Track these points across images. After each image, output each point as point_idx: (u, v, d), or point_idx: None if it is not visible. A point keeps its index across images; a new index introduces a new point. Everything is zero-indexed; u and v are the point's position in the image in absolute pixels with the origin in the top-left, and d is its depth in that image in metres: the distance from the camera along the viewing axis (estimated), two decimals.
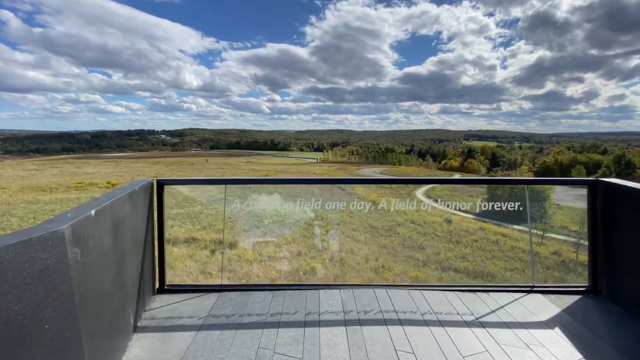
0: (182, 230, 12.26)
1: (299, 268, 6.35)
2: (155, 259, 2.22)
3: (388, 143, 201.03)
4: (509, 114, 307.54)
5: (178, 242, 9.68)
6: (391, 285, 2.44)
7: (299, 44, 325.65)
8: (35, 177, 28.57)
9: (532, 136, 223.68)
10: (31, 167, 36.92)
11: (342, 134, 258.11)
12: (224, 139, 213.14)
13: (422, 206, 21.08)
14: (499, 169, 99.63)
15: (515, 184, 3.41)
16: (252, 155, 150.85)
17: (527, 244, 14.27)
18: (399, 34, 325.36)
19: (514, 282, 2.73)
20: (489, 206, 2.67)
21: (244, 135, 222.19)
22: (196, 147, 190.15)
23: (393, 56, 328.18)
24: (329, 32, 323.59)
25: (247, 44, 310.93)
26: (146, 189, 2.06)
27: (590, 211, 2.32)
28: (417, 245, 13.12)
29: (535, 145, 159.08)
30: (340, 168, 70.61)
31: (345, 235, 13.44)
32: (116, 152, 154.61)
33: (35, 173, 31.90)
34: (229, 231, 12.64)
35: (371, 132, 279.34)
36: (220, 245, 10.59)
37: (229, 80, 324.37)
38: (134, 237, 1.85)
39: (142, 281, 1.97)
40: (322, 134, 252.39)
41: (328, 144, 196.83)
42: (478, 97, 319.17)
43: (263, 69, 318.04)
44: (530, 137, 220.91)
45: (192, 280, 5.81)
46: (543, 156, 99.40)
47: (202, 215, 16.55)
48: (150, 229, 2.11)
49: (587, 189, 2.32)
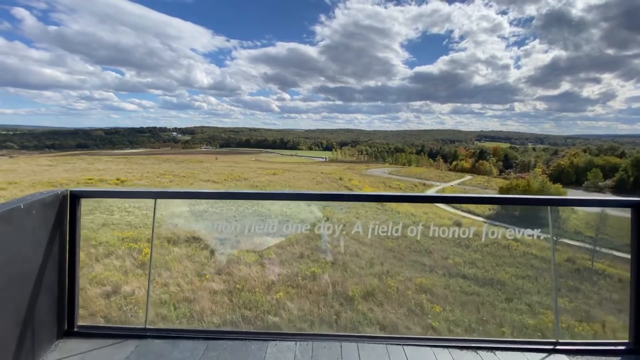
0: (186, 229, 12.21)
1: (298, 272, 6.13)
2: (65, 292, 1.83)
3: (398, 143, 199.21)
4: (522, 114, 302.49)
5: (179, 241, 9.60)
6: (364, 338, 1.93)
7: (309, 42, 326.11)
8: (48, 173, 29.17)
9: (546, 138, 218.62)
10: (45, 163, 37.80)
11: (352, 133, 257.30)
12: (234, 137, 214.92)
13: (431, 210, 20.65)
14: (511, 170, 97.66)
15: (535, 205, 2.42)
16: (260, 153, 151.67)
17: (540, 250, 13.78)
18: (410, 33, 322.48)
19: (528, 298, 2.32)
20: (498, 233, 2.28)
21: (254, 134, 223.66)
22: (206, 145, 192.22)
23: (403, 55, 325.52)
24: (338, 31, 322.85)
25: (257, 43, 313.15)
26: (49, 204, 1.70)
27: (635, 240, 1.80)
28: (424, 249, 12.81)
29: (549, 147, 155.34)
30: (348, 167, 70.31)
31: (350, 237, 13.20)
32: (128, 149, 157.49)
33: (48, 168, 32.61)
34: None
35: (381, 132, 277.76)
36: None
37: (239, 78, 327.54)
38: (22, 268, 1.52)
39: (34, 325, 1.60)
40: (332, 133, 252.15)
41: (337, 143, 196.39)
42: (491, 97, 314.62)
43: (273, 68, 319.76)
44: (544, 138, 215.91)
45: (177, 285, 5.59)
46: (558, 158, 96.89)
47: (207, 214, 16.53)
48: (56, 252, 1.75)
49: (632, 211, 1.81)
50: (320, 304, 4.92)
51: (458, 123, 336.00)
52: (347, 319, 4.39)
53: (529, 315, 5.20)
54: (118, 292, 4.55)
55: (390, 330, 4.06)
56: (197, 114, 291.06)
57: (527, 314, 5.25)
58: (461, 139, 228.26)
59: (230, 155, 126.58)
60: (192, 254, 7.74)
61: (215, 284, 5.40)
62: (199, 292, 5.11)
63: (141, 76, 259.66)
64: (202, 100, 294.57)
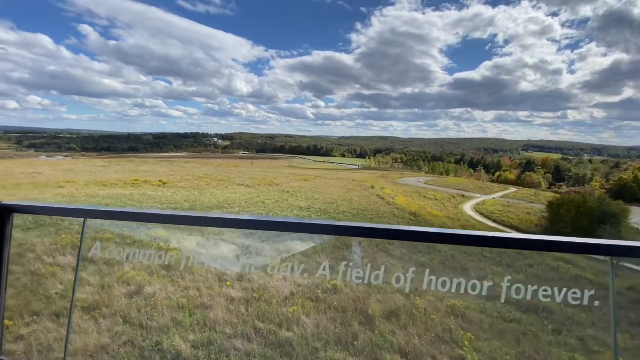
0: (216, 232, 12.47)
1: (319, 284, 5.90)
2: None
3: (436, 151, 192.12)
4: (577, 123, 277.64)
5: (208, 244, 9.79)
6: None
7: (344, 51, 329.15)
8: (101, 173, 31.94)
9: (605, 149, 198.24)
10: (100, 164, 41.48)
11: (387, 141, 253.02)
12: (270, 143, 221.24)
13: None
14: (563, 184, 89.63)
15: (586, 253, 1.48)
16: (294, 159, 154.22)
17: (595, 275, 12.28)
18: (450, 38, 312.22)
19: (581, 331, 1.72)
20: (524, 291, 1.70)
21: (288, 140, 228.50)
22: (244, 151, 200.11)
23: (443, 61, 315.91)
24: (374, 38, 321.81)
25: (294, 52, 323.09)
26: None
27: None
28: (459, 266, 11.87)
29: (609, 159, 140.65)
30: (382, 176, 68.90)
31: (379, 248, 12.67)
32: (173, 152, 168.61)
33: (102, 169, 35.72)
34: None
35: (418, 140, 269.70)
36: None
37: (276, 87, 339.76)
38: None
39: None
40: (366, 141, 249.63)
41: (371, 150, 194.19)
42: (540, 104, 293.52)
43: (309, 76, 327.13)
44: (603, 149, 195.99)
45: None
46: (619, 172, 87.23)
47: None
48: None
49: None
50: (338, 321, 4.64)
51: (502, 132, 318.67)
52: (366, 340, 4.07)
53: (581, 353, 4.49)
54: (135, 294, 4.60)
55: (413, 359, 3.67)
56: (236, 121, 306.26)
57: (580, 351, 4.54)
58: (506, 148, 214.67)
59: (266, 161, 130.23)
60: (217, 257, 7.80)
61: (233, 291, 5.34)
62: (217, 298, 5.06)
63: (187, 85, 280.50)
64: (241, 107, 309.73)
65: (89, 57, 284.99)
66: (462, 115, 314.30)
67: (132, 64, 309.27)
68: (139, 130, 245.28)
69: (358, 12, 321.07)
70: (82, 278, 4.62)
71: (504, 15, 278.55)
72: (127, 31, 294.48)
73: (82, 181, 24.18)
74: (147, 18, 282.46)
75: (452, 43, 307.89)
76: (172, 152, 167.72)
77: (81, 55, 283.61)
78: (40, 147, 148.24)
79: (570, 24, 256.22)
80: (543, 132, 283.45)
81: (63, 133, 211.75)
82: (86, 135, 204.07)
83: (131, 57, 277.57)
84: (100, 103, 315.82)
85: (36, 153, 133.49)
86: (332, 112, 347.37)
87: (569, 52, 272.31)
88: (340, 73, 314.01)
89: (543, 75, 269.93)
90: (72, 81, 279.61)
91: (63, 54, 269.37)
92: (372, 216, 20.50)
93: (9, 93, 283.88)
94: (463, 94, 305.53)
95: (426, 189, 44.40)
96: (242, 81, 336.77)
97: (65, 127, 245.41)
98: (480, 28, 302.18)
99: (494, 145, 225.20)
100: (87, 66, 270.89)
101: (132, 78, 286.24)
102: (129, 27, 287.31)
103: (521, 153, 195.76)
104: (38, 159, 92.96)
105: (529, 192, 53.56)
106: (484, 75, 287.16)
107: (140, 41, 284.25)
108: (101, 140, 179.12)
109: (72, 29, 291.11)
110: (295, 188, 31.88)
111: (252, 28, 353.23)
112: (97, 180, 24.88)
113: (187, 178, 32.28)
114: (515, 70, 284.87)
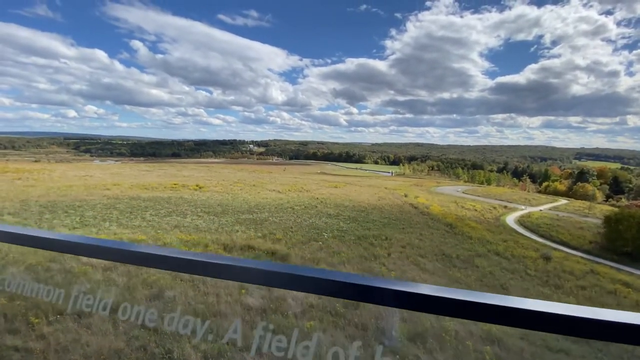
0: (244, 237, 12.61)
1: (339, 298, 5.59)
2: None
3: (476, 159, 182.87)
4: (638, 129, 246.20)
5: (235, 248, 9.89)
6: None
7: (378, 57, 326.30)
8: (144, 177, 34.17)
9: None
10: (144, 169, 44.47)
11: (422, 148, 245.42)
12: (303, 149, 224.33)
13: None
14: (623, 196, 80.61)
15: None
16: (326, 165, 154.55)
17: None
18: (490, 41, 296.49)
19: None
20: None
21: (321, 147, 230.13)
22: (277, 157, 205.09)
23: (483, 65, 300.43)
24: (409, 44, 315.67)
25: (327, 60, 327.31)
26: None
27: None
28: (499, 285, 10.90)
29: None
30: (416, 183, 66.53)
31: (410, 260, 12.01)
32: (212, 158, 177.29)
33: (146, 173, 38.24)
34: (286, 242, 12.51)
35: (456, 146, 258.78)
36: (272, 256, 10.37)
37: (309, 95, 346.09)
38: None
39: None
40: (400, 147, 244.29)
41: (405, 157, 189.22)
42: (594, 109, 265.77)
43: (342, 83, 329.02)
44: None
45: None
46: None
47: (267, 223, 17.07)
48: None
49: None
50: (357, 338, 4.32)
51: (551, 138, 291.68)
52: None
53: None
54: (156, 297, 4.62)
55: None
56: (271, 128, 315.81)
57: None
58: (555, 156, 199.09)
59: (298, 167, 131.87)
60: None
61: (251, 299, 5.21)
62: (234, 306, 4.96)
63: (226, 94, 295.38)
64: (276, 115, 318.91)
65: (139, 70, 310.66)
66: (505, 121, 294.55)
67: (177, 75, 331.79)
68: (181, 137, 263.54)
69: (392, 18, 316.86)
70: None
71: (551, 15, 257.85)
72: (173, 45, 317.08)
73: (127, 184, 25.98)
74: (191, 32, 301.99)
75: (493, 46, 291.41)
76: (210, 158, 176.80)
77: (132, 68, 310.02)
78: (95, 152, 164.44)
79: (626, 22, 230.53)
80: (598, 139, 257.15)
81: (115, 139, 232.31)
82: (135, 141, 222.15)
83: (176, 69, 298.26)
84: (147, 112, 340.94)
85: (91, 157, 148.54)
86: (365, 119, 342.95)
87: (626, 52, 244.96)
88: (374, 79, 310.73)
89: (597, 78, 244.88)
90: (124, 92, 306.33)
91: (116, 67, 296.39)
92: (403, 226, 19.69)
93: (69, 103, 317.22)
94: (506, 99, 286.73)
95: (464, 199, 41.97)
96: (277, 90, 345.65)
97: (117, 134, 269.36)
98: (525, 29, 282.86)
99: (542, 153, 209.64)
100: (137, 78, 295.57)
101: (176, 88, 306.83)
102: (174, 41, 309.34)
103: (573, 161, 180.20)
104: (92, 163, 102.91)
105: (582, 204, 48.61)
106: (529, 78, 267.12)
107: (184, 54, 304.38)
108: (147, 146, 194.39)
109: (124, 44, 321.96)
110: (325, 195, 31.72)
111: (287, 38, 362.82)
112: (140, 184, 26.60)
113: (222, 183, 33.44)
114: (565, 72, 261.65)
